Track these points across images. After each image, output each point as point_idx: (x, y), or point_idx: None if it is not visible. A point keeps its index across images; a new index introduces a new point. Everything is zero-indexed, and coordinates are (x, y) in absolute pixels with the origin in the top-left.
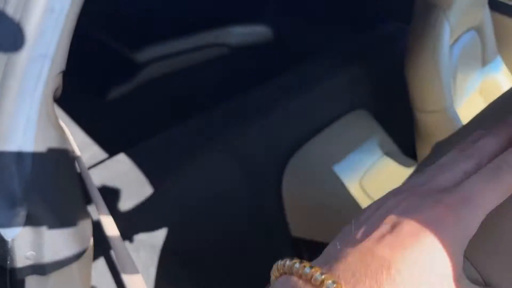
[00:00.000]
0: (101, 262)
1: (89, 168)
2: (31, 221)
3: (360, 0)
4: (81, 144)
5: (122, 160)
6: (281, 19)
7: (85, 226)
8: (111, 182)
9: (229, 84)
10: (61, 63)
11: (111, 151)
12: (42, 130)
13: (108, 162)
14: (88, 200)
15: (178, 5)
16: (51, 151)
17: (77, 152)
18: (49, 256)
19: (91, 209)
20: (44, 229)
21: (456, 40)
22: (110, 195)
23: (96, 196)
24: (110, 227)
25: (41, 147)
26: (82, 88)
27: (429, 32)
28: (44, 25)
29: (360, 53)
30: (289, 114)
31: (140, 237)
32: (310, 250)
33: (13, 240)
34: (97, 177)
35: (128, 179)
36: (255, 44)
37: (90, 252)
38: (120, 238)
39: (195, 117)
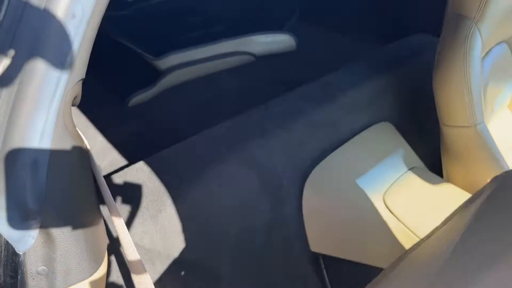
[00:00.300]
0: (114, 271)
1: (108, 175)
2: (44, 234)
3: (386, 11)
4: (101, 150)
5: (140, 169)
6: (306, 28)
7: (101, 241)
8: (129, 191)
9: (251, 93)
10: (81, 71)
11: (131, 158)
12: (58, 140)
13: (127, 170)
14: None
15: (202, 13)
16: (68, 162)
17: (95, 161)
18: (62, 272)
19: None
20: (57, 244)
21: (487, 53)
22: (127, 203)
23: (113, 208)
24: (125, 238)
25: (57, 158)
26: (104, 94)
27: (460, 44)
28: (64, 32)
29: (386, 64)
30: (311, 125)
31: (156, 247)
32: (330, 267)
33: (24, 253)
34: (116, 185)
35: (146, 188)
36: (278, 53)
37: (104, 268)
38: (134, 248)
39: (215, 126)
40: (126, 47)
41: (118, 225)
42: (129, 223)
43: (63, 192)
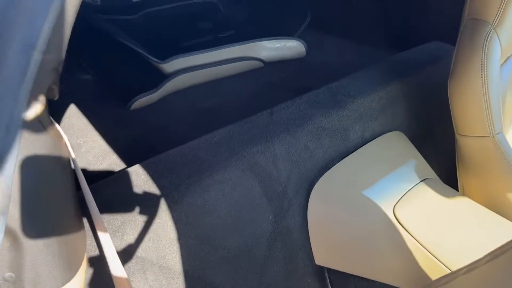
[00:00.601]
0: (95, 284)
1: (103, 178)
2: (11, 238)
3: (399, 19)
4: (100, 152)
5: (136, 172)
6: (317, 35)
7: (78, 248)
8: (121, 195)
9: (258, 99)
10: (55, 58)
11: (130, 161)
12: (29, 134)
13: (121, 173)
14: (84, 213)
15: (212, 20)
16: (40, 159)
17: (78, 166)
18: (30, 279)
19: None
20: (25, 249)
21: (506, 61)
22: (119, 208)
23: (97, 218)
24: (108, 247)
25: (26, 154)
26: (108, 96)
27: (477, 50)
28: (32, 9)
29: (399, 72)
30: (318, 132)
31: (148, 257)
32: (335, 282)
33: None
34: (109, 189)
35: (140, 193)
36: (288, 59)
37: (80, 277)
38: (117, 259)
39: (217, 130)
40: (132, 50)
41: (103, 238)
42: (120, 229)
43: (32, 192)
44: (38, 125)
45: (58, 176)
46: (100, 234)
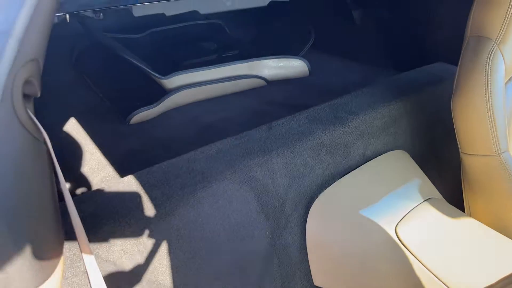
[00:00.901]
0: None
1: (94, 190)
2: None
3: (403, 41)
4: (96, 165)
5: (128, 183)
6: (320, 56)
7: (52, 249)
8: (111, 206)
9: (259, 116)
10: (32, 49)
11: (125, 175)
12: (3, 132)
13: (113, 184)
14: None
15: (217, 40)
16: (15, 162)
17: (61, 175)
18: (1, 280)
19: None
20: None
21: (510, 79)
22: (108, 219)
23: (80, 233)
24: (89, 261)
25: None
26: (108, 110)
27: (480, 67)
28: None
29: (403, 90)
30: (318, 148)
31: (136, 270)
32: None
33: None
34: (98, 199)
35: (130, 204)
36: (291, 78)
37: (55, 281)
38: (99, 273)
39: (214, 143)
40: (134, 66)
41: (86, 258)
42: (106, 239)
43: (4, 191)
44: (14, 123)
45: (33, 177)
46: (84, 255)
